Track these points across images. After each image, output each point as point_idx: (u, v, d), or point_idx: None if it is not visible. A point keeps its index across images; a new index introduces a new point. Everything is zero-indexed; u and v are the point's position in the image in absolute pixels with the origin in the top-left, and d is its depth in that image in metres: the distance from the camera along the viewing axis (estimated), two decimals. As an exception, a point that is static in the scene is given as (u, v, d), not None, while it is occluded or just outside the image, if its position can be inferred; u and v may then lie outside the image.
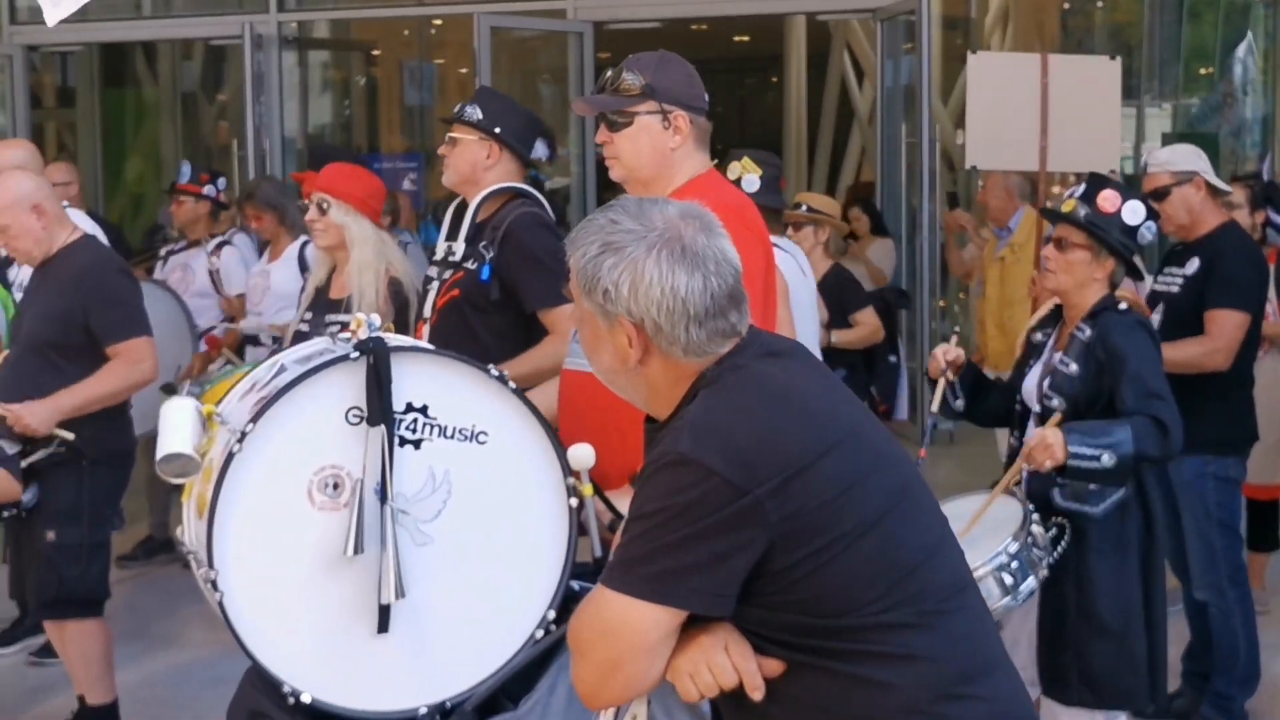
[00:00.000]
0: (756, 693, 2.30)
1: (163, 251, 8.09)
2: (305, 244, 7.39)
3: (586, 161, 11.27)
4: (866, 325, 7.31)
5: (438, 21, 14.50)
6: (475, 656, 3.49)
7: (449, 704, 3.44)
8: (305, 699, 3.35)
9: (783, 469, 2.23)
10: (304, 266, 7.39)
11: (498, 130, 4.60)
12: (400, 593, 3.33)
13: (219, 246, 7.80)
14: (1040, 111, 7.11)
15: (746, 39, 19.23)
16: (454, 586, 3.47)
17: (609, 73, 3.83)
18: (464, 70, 15.55)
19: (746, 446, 2.24)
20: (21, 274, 5.97)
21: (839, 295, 7.23)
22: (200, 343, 7.43)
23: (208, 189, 7.90)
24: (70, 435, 4.82)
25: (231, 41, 12.54)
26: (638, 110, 3.74)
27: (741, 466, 2.22)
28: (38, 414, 4.79)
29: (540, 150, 4.75)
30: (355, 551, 3.32)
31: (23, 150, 6.04)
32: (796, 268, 5.46)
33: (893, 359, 7.39)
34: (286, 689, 3.35)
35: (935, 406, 4.65)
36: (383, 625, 3.37)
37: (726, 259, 2.39)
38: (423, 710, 3.42)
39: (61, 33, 12.98)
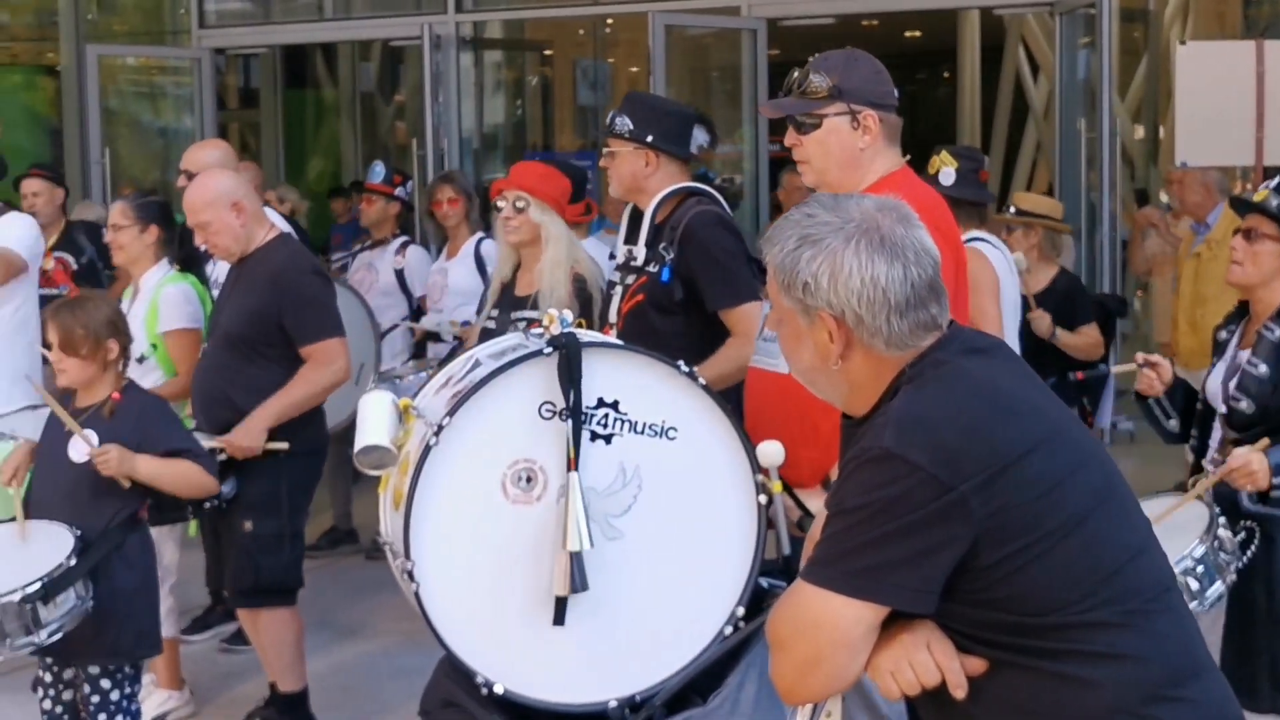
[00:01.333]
0: (959, 691, 2.28)
1: (349, 252, 8.24)
2: (481, 241, 7.49)
3: (759, 159, 11.26)
4: (1090, 338, 7.05)
5: (611, 20, 14.60)
6: (664, 651, 3.52)
7: (638, 698, 3.47)
8: (498, 690, 3.40)
9: (987, 465, 2.21)
10: (480, 263, 7.48)
11: (650, 139, 4.62)
12: (584, 585, 3.36)
13: (404, 246, 7.92)
14: (1256, 102, 6.84)
15: (918, 34, 19.06)
16: (644, 581, 3.50)
17: (794, 74, 3.81)
18: (635, 69, 15.63)
19: (951, 442, 2.22)
20: (218, 270, 6.13)
21: (1070, 304, 6.91)
22: (382, 341, 7.55)
23: (399, 190, 8.02)
24: (284, 446, 4.94)
25: (410, 42, 12.75)
26: (826, 112, 3.71)
27: (946, 462, 2.20)
28: (247, 435, 4.92)
29: (700, 138, 4.76)
30: (549, 545, 3.37)
31: (219, 150, 6.20)
32: (1006, 264, 5.39)
33: (1103, 367, 7.15)
34: (479, 680, 3.41)
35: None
36: (558, 618, 3.40)
37: (925, 249, 2.37)
38: (612, 704, 3.46)
39: (247, 36, 13.38)
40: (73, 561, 4.09)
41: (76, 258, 7.82)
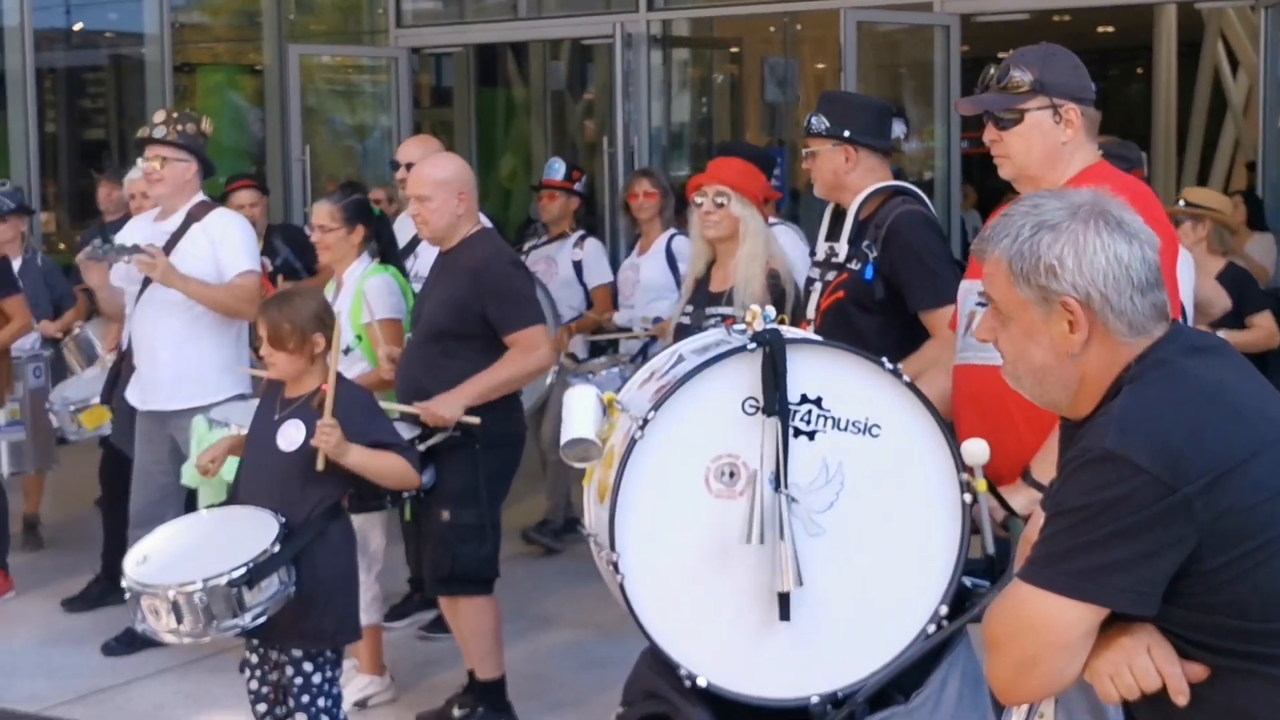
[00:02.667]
0: (1181, 697, 2.25)
1: (526, 246, 8.35)
2: (673, 237, 7.54)
3: (951, 156, 11.14)
4: (1263, 329, 6.95)
5: (801, 17, 14.54)
6: (866, 648, 3.52)
7: (840, 694, 3.47)
8: (701, 683, 3.43)
9: (1212, 467, 2.18)
10: (672, 260, 7.53)
11: (846, 134, 4.62)
12: (798, 581, 3.38)
13: (582, 239, 8.00)
14: None
15: (1111, 29, 18.68)
16: (846, 578, 3.50)
17: (991, 69, 3.79)
18: (822, 65, 15.56)
19: (1175, 443, 2.19)
20: (418, 265, 6.26)
21: (1237, 295, 6.88)
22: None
23: (577, 186, 8.12)
24: (476, 420, 5.03)
25: (601, 41, 12.85)
26: (1027, 107, 3.70)
27: (1170, 463, 2.17)
28: (446, 405, 5.02)
29: (898, 130, 4.75)
30: (752, 540, 3.38)
31: (431, 144, 6.35)
32: (1187, 261, 5.30)
33: None
34: (683, 672, 3.43)
35: None
36: (784, 613, 3.41)
37: (1149, 234, 2.36)
38: (814, 699, 3.46)
39: (442, 35, 13.60)
40: (277, 548, 4.21)
41: (272, 259, 8.03)
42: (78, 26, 15.83)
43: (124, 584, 4.27)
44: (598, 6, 12.82)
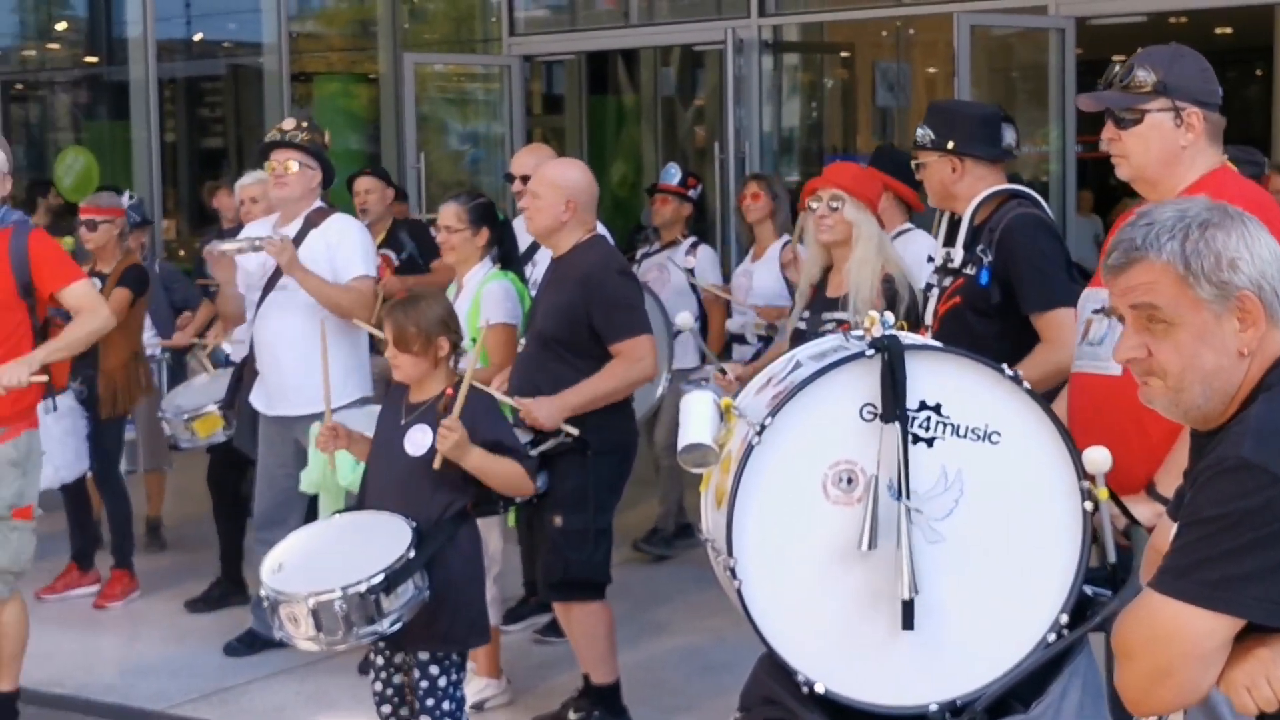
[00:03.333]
0: (1319, 709, 2.22)
1: (638, 253, 8.38)
2: (787, 244, 7.52)
3: (1066, 159, 11.02)
4: None
5: (912, 22, 14.47)
6: (985, 656, 3.50)
7: (959, 702, 3.45)
8: (819, 689, 3.42)
9: (1350, 477, 2.15)
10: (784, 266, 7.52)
11: (950, 145, 4.60)
12: (915, 589, 3.36)
13: (694, 246, 8.01)
14: None
15: (1229, 31, 18.38)
16: (965, 585, 3.48)
17: (1116, 67, 3.76)
18: (933, 70, 15.45)
19: (1312, 453, 2.16)
20: (535, 272, 6.30)
21: None
22: (674, 341, 7.63)
23: (691, 193, 8.12)
24: (575, 431, 5.05)
25: (712, 47, 12.85)
26: (1149, 108, 3.68)
27: (1308, 474, 2.14)
28: (546, 410, 5.05)
29: (1009, 136, 4.72)
30: (870, 546, 3.37)
31: (545, 153, 6.40)
32: None
33: None
34: (801, 678, 3.43)
35: None
36: (907, 622, 3.40)
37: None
38: (933, 707, 3.45)
39: (555, 43, 13.69)
40: (412, 553, 4.24)
41: (398, 254, 8.13)
42: (198, 37, 16.15)
43: (261, 592, 4.31)
44: (709, 12, 12.83)
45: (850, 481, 3.45)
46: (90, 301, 5.43)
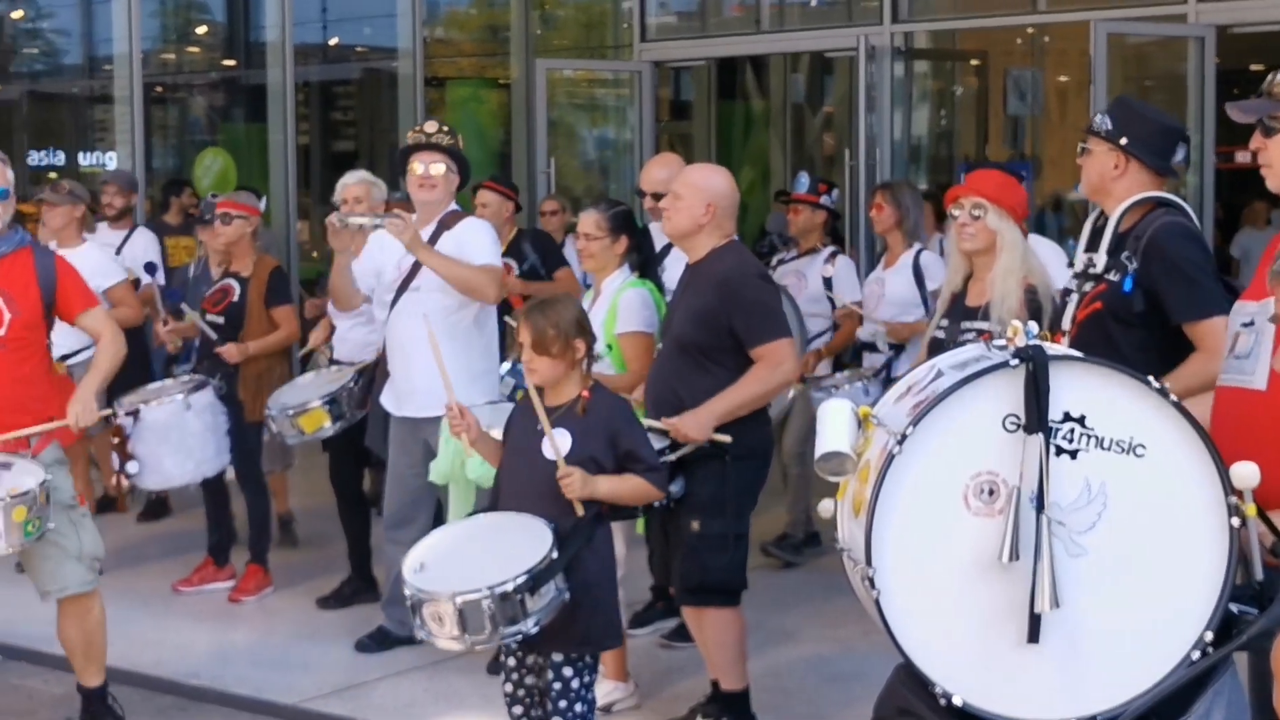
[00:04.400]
0: None
1: (774, 260, 8.36)
2: (920, 252, 7.48)
3: (1204, 170, 10.83)
4: None
5: (1045, 29, 14.30)
6: (1126, 673, 3.43)
7: (1099, 718, 3.40)
8: (956, 701, 3.38)
9: None
10: (918, 274, 7.48)
11: (1124, 141, 4.54)
12: (1055, 602, 3.32)
13: (833, 256, 7.98)
14: None
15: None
16: (1107, 600, 3.42)
17: (1275, 76, 3.70)
18: (1065, 78, 15.25)
19: None
20: (665, 277, 6.31)
21: None
22: (809, 346, 7.60)
23: (824, 199, 8.09)
24: (727, 438, 5.06)
25: (843, 54, 12.80)
26: (1298, 115, 3.60)
27: None
28: (694, 423, 5.06)
29: (1180, 155, 4.65)
30: (1011, 558, 3.34)
31: (675, 164, 6.42)
32: None
33: None
34: (938, 690, 3.40)
35: None
36: (1033, 635, 3.36)
37: None
38: (1073, 723, 3.40)
39: (685, 49, 13.71)
40: (555, 554, 4.27)
41: (520, 263, 8.19)
42: (333, 41, 16.38)
43: (405, 591, 4.33)
44: (841, 19, 12.78)
45: (991, 493, 3.41)
46: (109, 328, 5.58)
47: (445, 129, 6.23)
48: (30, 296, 5.39)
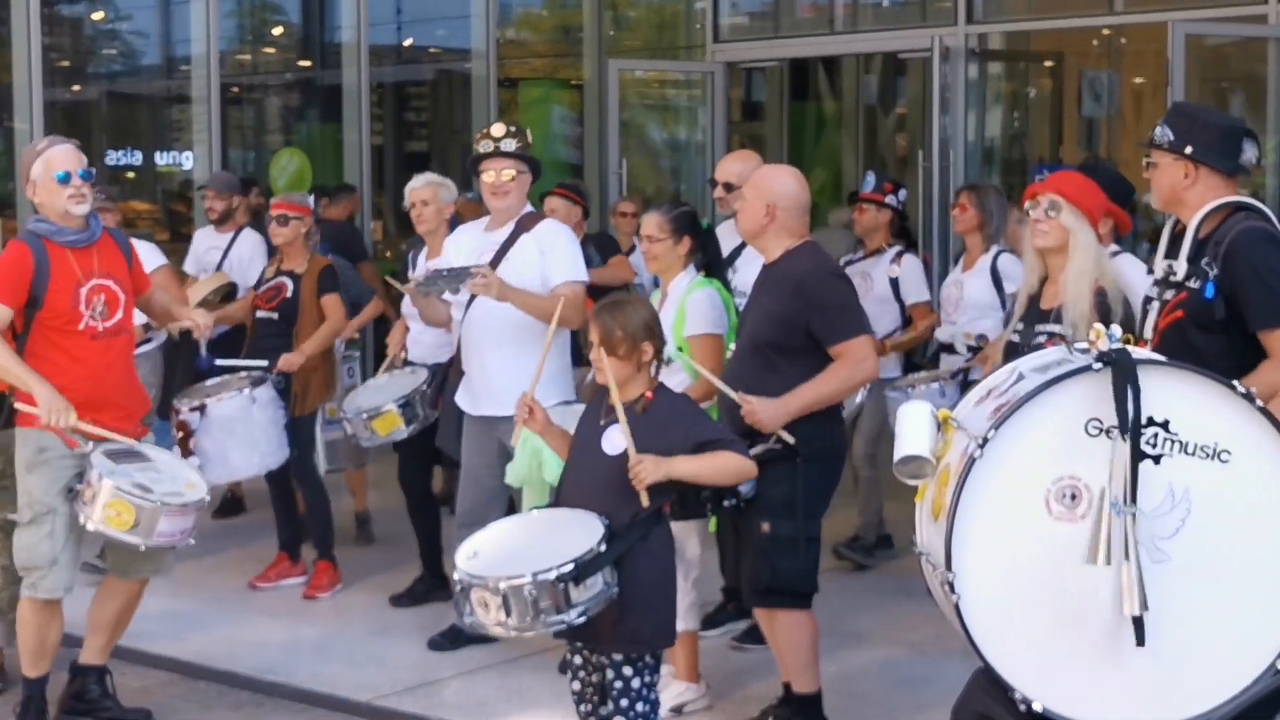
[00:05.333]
0: None
1: (841, 260, 8.33)
2: (999, 255, 7.42)
3: (1285, 172, 10.72)
4: None
5: (1120, 30, 14.19)
6: (1209, 680, 3.42)
7: (1183, 726, 3.38)
8: (1036, 707, 3.38)
9: None
10: (996, 277, 7.42)
11: (1189, 150, 4.50)
12: (1144, 605, 3.30)
13: (899, 255, 7.93)
14: None
15: None
16: (1190, 606, 3.41)
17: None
18: (1140, 79, 15.12)
19: None
20: (737, 279, 6.31)
21: None
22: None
23: (890, 199, 8.04)
24: (791, 439, 5.04)
25: (917, 55, 12.75)
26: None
27: None
28: (769, 411, 5.05)
29: (1249, 153, 4.59)
30: (1105, 562, 3.32)
31: (752, 160, 6.41)
32: None
33: None
34: (1017, 696, 3.39)
35: None
36: (1139, 639, 3.35)
37: None
38: (1154, 730, 3.38)
39: (759, 50, 13.70)
40: (603, 547, 4.29)
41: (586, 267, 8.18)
42: (407, 42, 16.47)
43: (455, 576, 4.40)
44: (915, 20, 12.72)
45: (1074, 497, 3.39)
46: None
47: (513, 130, 6.23)
48: (128, 279, 5.57)
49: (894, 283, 7.85)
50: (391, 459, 7.42)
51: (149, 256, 7.78)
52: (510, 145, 6.16)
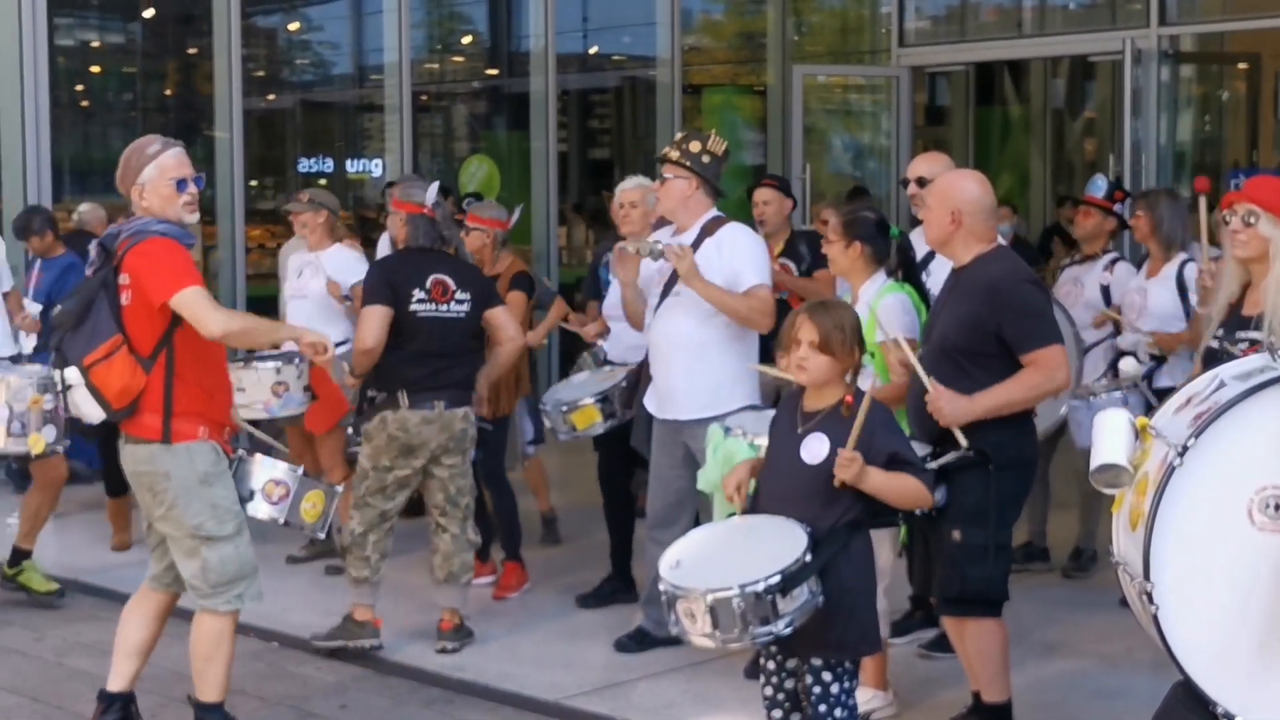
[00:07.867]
0: None
1: (1063, 263, 8.22)
2: (1185, 263, 7.27)
3: None
4: None
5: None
6: None
7: (1389, 745, 3.30)
8: (1237, 721, 3.32)
9: None
10: (1181, 286, 7.26)
11: None
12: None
13: (1113, 263, 7.80)
14: None
15: None
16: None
17: None
18: (1341, 81, 14.70)
19: None
20: (929, 283, 6.26)
21: None
22: (1084, 358, 7.43)
23: (1118, 207, 7.91)
24: (965, 442, 5.00)
25: (1107, 58, 12.54)
26: None
27: None
28: (954, 406, 5.01)
29: None
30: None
31: (942, 163, 6.37)
32: None
33: None
34: (1219, 710, 3.34)
35: None
36: None
37: None
38: (1362, 747, 3.30)
39: (944, 54, 13.60)
40: (809, 557, 4.28)
41: (798, 264, 8.19)
42: (593, 50, 16.65)
43: (659, 586, 4.40)
44: (1105, 22, 12.51)
45: (1278, 507, 3.33)
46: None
47: (681, 137, 6.47)
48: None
49: (1105, 289, 7.72)
50: (573, 459, 7.50)
51: (348, 270, 8.02)
52: (672, 154, 6.35)
